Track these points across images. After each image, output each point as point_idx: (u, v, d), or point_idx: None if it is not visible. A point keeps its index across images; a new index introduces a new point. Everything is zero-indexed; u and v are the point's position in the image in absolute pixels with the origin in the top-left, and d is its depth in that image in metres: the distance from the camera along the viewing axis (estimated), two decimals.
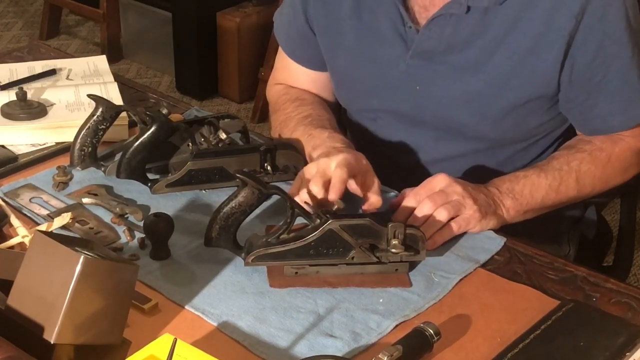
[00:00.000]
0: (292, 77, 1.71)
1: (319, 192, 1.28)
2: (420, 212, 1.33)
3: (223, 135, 1.49)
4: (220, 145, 1.49)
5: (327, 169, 1.31)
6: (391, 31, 1.50)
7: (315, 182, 1.29)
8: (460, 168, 1.56)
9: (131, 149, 1.42)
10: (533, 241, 1.42)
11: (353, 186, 1.34)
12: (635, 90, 1.46)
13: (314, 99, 1.67)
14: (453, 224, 1.33)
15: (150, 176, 1.46)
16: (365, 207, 1.35)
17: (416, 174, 1.42)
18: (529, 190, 1.42)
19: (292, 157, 1.47)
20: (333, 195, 1.28)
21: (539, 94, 1.47)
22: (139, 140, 1.42)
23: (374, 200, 1.34)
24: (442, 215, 1.32)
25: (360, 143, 1.62)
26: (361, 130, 1.65)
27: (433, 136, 1.55)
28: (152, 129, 1.42)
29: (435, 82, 1.49)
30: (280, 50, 1.73)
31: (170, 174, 1.44)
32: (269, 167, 1.44)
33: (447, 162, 1.56)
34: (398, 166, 1.58)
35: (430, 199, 1.33)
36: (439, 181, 1.36)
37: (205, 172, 1.43)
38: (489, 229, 1.37)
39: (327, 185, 1.30)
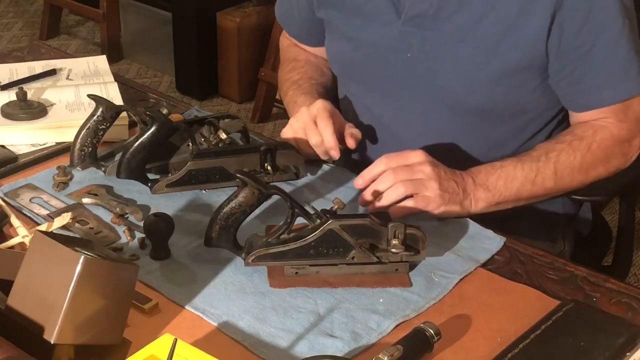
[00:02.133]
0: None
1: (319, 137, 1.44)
2: (380, 182, 1.36)
3: (223, 135, 1.49)
4: (220, 145, 1.49)
5: (312, 113, 1.46)
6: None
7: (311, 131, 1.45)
8: (449, 146, 1.56)
9: (131, 149, 1.42)
10: (526, 237, 1.42)
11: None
12: (623, 63, 1.45)
13: (308, 59, 1.73)
14: (411, 201, 1.35)
15: (150, 176, 1.46)
16: (347, 140, 1.46)
17: (405, 149, 1.42)
18: (504, 182, 1.42)
19: (292, 157, 1.47)
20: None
21: (528, 62, 1.46)
22: (139, 140, 1.42)
23: (352, 132, 1.47)
24: (399, 191, 1.35)
25: (352, 115, 1.65)
26: (352, 102, 1.67)
27: (422, 109, 1.55)
28: (152, 129, 1.42)
29: (426, 49, 1.50)
30: None
31: (170, 174, 1.44)
32: (269, 167, 1.44)
33: (436, 137, 1.56)
34: (388, 139, 1.60)
35: (393, 171, 1.36)
36: (414, 156, 1.38)
37: (205, 172, 1.43)
38: (450, 216, 1.39)
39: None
